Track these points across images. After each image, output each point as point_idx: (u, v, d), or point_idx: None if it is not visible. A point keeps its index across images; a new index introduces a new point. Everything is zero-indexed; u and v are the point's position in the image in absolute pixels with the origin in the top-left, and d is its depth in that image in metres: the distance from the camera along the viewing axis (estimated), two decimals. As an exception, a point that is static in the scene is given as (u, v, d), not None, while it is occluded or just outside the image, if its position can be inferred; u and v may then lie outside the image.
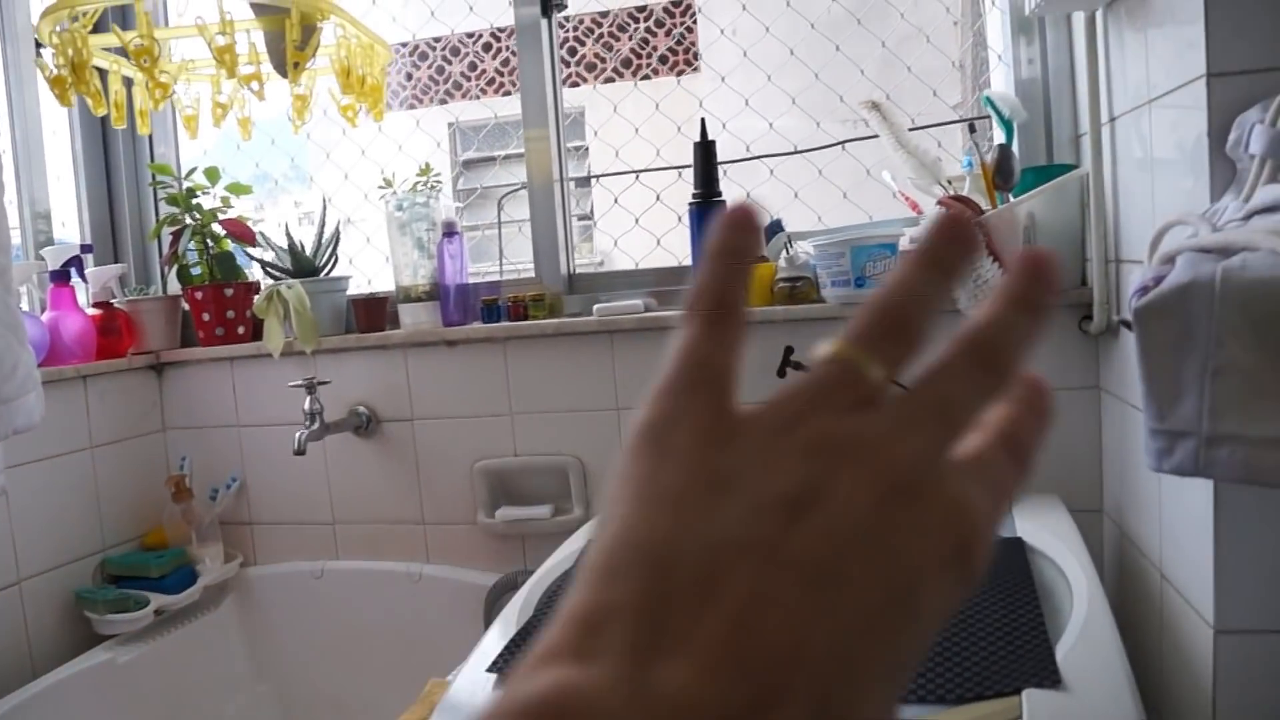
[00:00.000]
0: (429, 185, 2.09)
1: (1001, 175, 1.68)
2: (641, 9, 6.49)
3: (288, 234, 2.18)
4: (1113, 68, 1.54)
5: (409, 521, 2.12)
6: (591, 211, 4.54)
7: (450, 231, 2.04)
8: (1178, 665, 1.35)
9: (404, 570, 2.10)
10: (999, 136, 1.74)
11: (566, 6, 2.16)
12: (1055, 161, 1.82)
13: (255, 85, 1.67)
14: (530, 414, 2.01)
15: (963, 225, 0.32)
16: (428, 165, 2.11)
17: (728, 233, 0.33)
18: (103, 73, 1.78)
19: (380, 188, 2.11)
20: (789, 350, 1.77)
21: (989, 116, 1.77)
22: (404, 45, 6.71)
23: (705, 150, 1.87)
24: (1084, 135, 1.66)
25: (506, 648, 1.19)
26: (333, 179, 2.56)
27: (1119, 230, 1.57)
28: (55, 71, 1.66)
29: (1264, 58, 1.14)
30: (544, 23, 2.12)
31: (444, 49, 6.80)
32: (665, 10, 6.50)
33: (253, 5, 1.67)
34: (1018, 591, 1.21)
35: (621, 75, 6.52)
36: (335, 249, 2.20)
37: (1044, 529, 1.42)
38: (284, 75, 1.69)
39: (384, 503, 2.13)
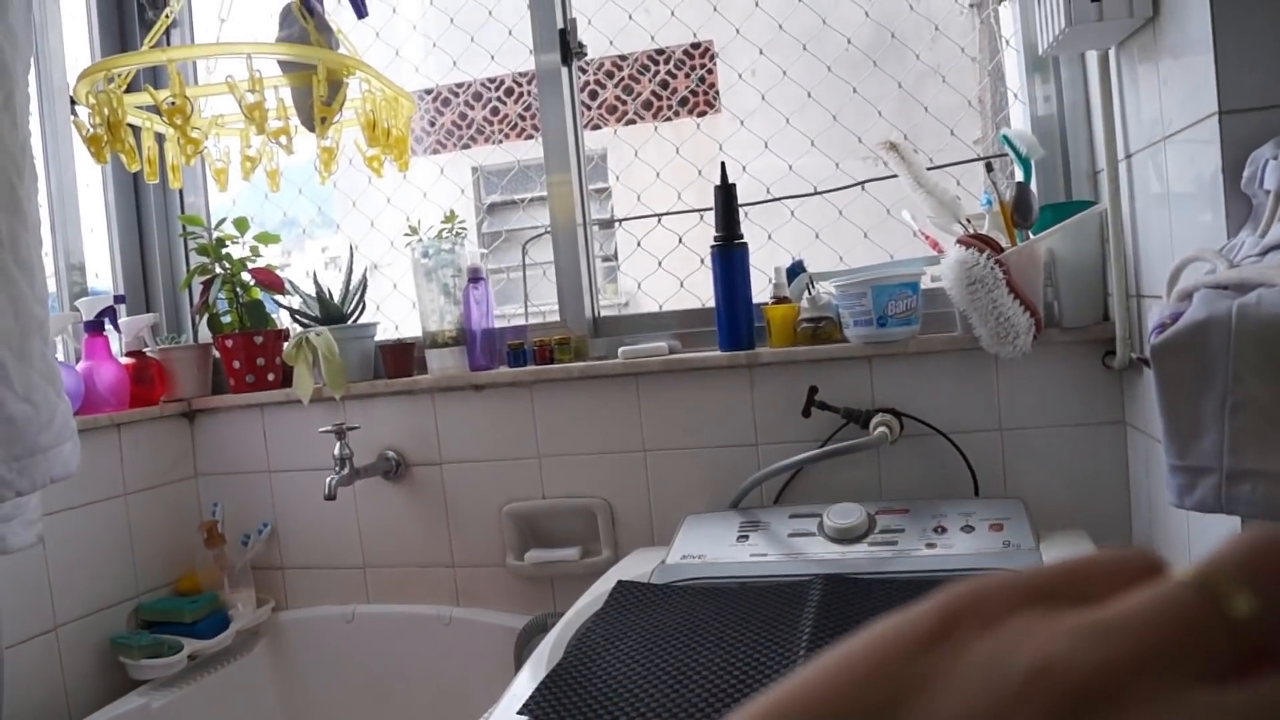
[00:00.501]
0: (454, 232, 2.12)
1: (1020, 213, 1.70)
2: (660, 52, 6.55)
3: (315, 281, 2.21)
4: (1127, 104, 1.56)
5: (439, 564, 2.14)
6: (616, 253, 4.57)
7: (475, 277, 2.07)
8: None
9: (434, 613, 2.11)
10: (1018, 174, 1.76)
11: (586, 54, 2.20)
12: (1073, 198, 1.83)
13: (284, 140, 1.71)
14: (557, 457, 2.02)
15: None
16: (453, 213, 2.14)
17: None
18: (135, 129, 1.82)
19: (406, 235, 2.14)
20: (813, 390, 1.80)
21: (1007, 154, 1.79)
22: (427, 92, 6.80)
23: (726, 193, 1.89)
24: (1101, 171, 1.67)
25: (538, 690, 1.20)
26: (359, 226, 2.60)
27: (1139, 265, 1.58)
28: (92, 130, 1.70)
29: (1275, 93, 1.16)
30: (564, 70, 2.15)
31: (467, 95, 6.89)
32: (685, 53, 6.56)
33: (280, 63, 1.71)
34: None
35: (642, 118, 6.57)
36: (363, 296, 2.23)
37: (1071, 565, 1.41)
38: (311, 130, 1.73)
39: (414, 546, 2.15)
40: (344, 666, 2.16)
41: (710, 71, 6.51)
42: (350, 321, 2.20)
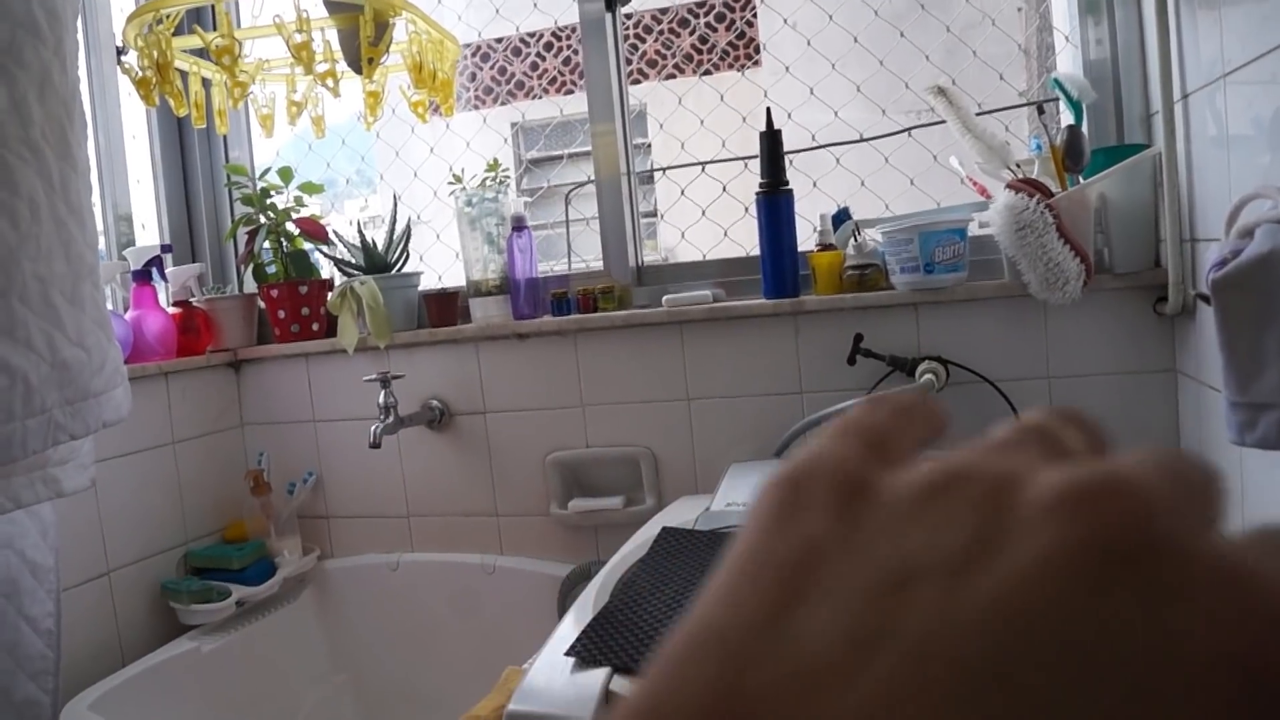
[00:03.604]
0: (498, 180, 2.12)
1: (1071, 157, 1.67)
2: (701, 4, 6.49)
3: (360, 231, 2.22)
4: (1185, 43, 1.52)
5: (483, 514, 2.15)
6: (655, 209, 4.55)
7: (519, 226, 2.06)
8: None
9: (478, 562, 2.12)
10: (1067, 119, 1.72)
11: (630, 0, 2.18)
12: (1126, 142, 1.80)
13: (330, 82, 1.71)
14: (601, 405, 2.03)
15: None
16: (496, 161, 2.14)
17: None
18: (183, 75, 1.82)
19: (450, 184, 2.14)
20: (859, 337, 1.78)
21: (1057, 99, 1.76)
22: (467, 46, 6.77)
23: (772, 139, 1.87)
24: (1155, 114, 1.64)
25: (584, 632, 1.20)
26: (402, 179, 2.60)
27: (1194, 209, 1.55)
28: (141, 73, 1.70)
29: (1343, 27, 1.13)
30: (608, 17, 2.13)
31: (506, 50, 6.86)
32: (725, 5, 6.50)
33: (327, 4, 1.70)
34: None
35: (683, 71, 6.52)
36: (406, 245, 2.23)
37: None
38: (358, 72, 1.73)
39: (458, 495, 2.16)
40: (389, 614, 2.19)
41: (750, 24, 6.44)
42: (394, 271, 2.21)
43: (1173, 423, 1.73)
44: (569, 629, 1.24)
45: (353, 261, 2.22)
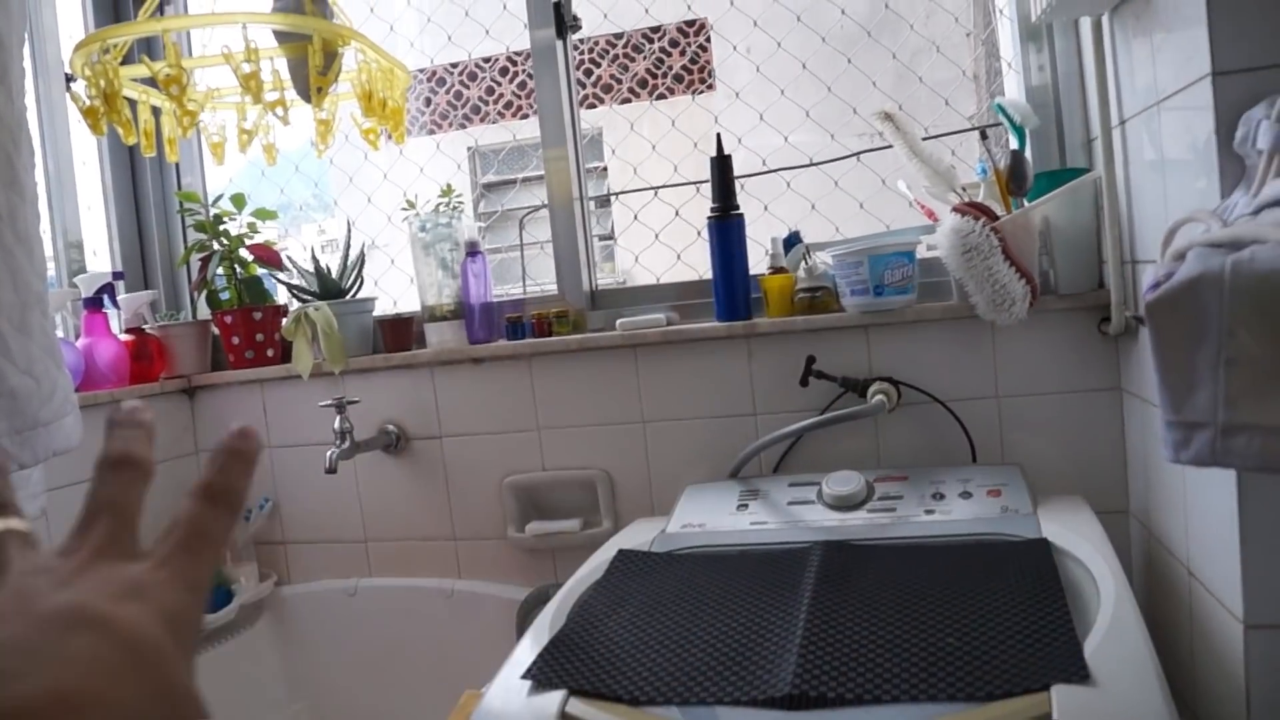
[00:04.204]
0: (451, 206, 2.12)
1: (1015, 181, 1.70)
2: (656, 29, 6.54)
3: (314, 257, 2.22)
4: (1121, 71, 1.56)
5: (440, 538, 2.15)
6: (612, 231, 4.57)
7: (473, 250, 2.07)
8: (1209, 661, 1.36)
9: (436, 586, 2.12)
10: (1013, 143, 1.76)
11: (580, 28, 2.20)
12: (1068, 166, 1.84)
13: (280, 111, 1.71)
14: (557, 429, 2.03)
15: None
16: (449, 186, 2.15)
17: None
18: (132, 103, 1.82)
19: (404, 209, 2.14)
20: (811, 359, 1.80)
21: (1001, 124, 1.79)
22: (422, 72, 6.78)
23: (722, 164, 1.89)
24: (1095, 139, 1.67)
25: (540, 655, 1.21)
26: (356, 204, 2.60)
27: (1133, 231, 1.58)
28: (88, 102, 1.70)
29: (1267, 55, 1.16)
30: (559, 44, 2.15)
31: (461, 74, 6.87)
32: (679, 30, 6.54)
33: (276, 34, 1.71)
34: (1044, 591, 1.22)
35: (638, 95, 6.56)
36: (360, 271, 2.24)
37: (1069, 529, 1.43)
38: (308, 100, 1.73)
39: (415, 520, 2.16)
40: (346, 640, 2.18)
41: (705, 49, 6.49)
42: (349, 297, 2.21)
43: (1119, 439, 1.76)
44: (526, 652, 1.25)
45: (307, 287, 2.22)
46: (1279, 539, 1.20)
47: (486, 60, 6.79)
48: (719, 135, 1.92)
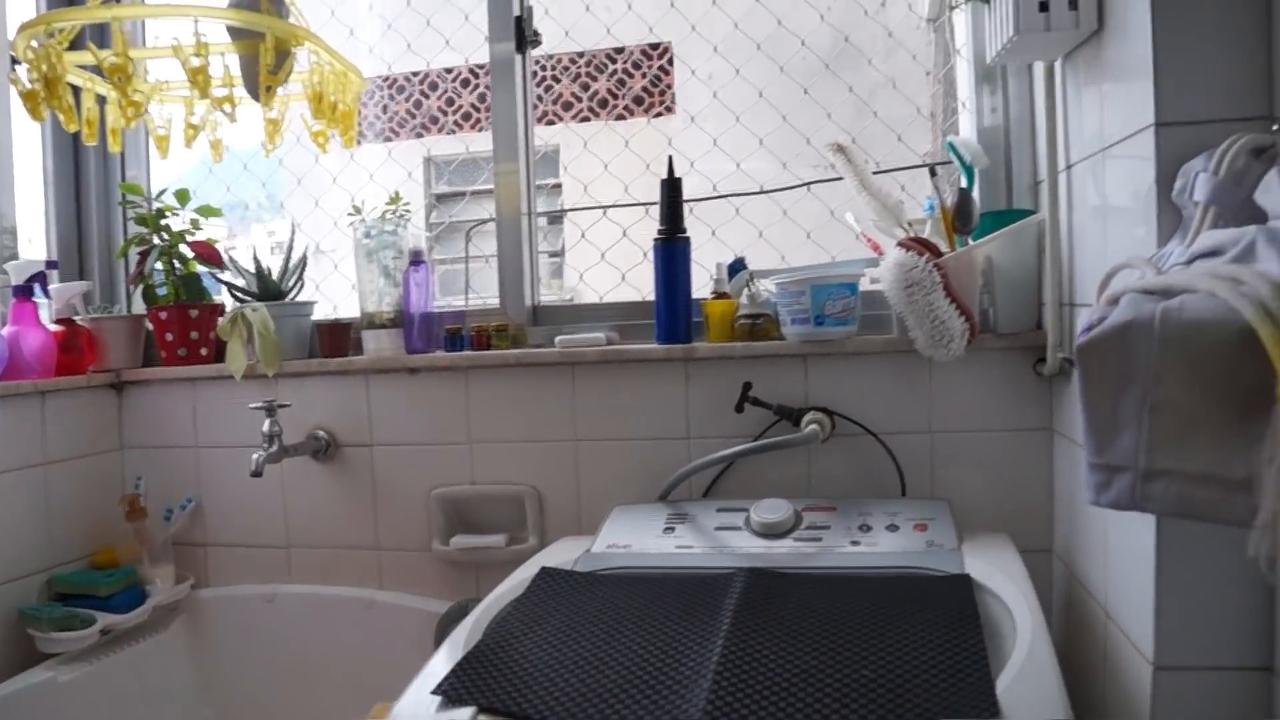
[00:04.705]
0: (397, 214, 2.10)
1: (961, 219, 1.72)
2: (619, 50, 6.55)
3: (255, 258, 2.18)
4: (1070, 116, 1.58)
5: (364, 547, 2.11)
6: (563, 248, 4.56)
7: (417, 260, 2.05)
8: (1120, 701, 1.37)
9: (356, 596, 2.08)
10: (963, 182, 1.77)
11: (541, 43, 2.19)
12: (1015, 207, 1.85)
13: (228, 108, 1.68)
14: (489, 443, 2.01)
15: None
16: (397, 194, 2.13)
17: None
18: (77, 90, 1.78)
19: (349, 214, 2.12)
20: (747, 386, 1.80)
21: (951, 161, 1.81)
22: (383, 79, 6.75)
23: (671, 187, 1.89)
24: (1042, 182, 1.69)
25: (452, 671, 1.19)
26: (306, 207, 2.57)
27: (1073, 274, 1.60)
28: (29, 86, 1.66)
29: (1208, 110, 1.18)
30: (518, 58, 2.14)
31: (422, 83, 6.84)
32: (643, 53, 6.57)
33: (229, 29, 1.69)
34: (962, 627, 1.22)
35: (597, 114, 6.57)
36: (302, 274, 2.21)
37: (992, 567, 1.43)
38: (257, 99, 1.71)
39: (339, 528, 2.12)
40: (262, 647, 2.13)
41: (666, 72, 6.52)
42: (288, 299, 2.18)
43: (1047, 479, 1.78)
44: (439, 667, 1.23)
45: (247, 288, 2.18)
46: (1192, 583, 1.21)
47: (448, 71, 6.78)
48: (670, 158, 1.92)
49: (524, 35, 2.15)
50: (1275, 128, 1.10)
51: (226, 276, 2.22)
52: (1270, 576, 0.88)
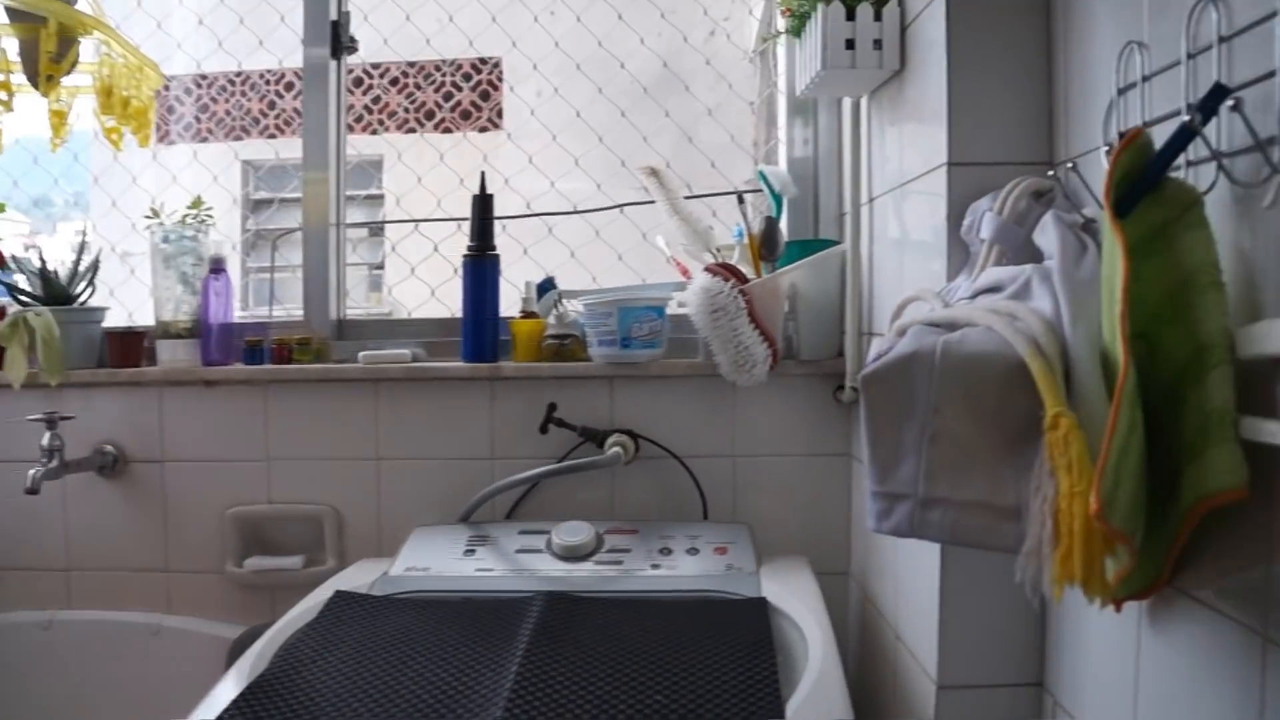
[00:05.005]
0: (198, 219, 2.01)
1: (767, 246, 1.75)
2: (450, 62, 6.49)
3: (40, 258, 2.06)
4: (874, 151, 1.63)
5: (152, 569, 2.01)
6: (383, 261, 4.47)
7: (217, 268, 1.97)
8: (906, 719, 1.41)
9: (142, 621, 1.97)
10: (773, 210, 1.81)
11: (357, 49, 2.14)
12: (821, 237, 1.90)
13: (4, 95, 1.58)
14: (288, 460, 1.94)
15: None
16: (199, 199, 2.04)
17: None
18: None
19: (147, 217, 2.02)
20: (552, 406, 1.79)
21: (762, 190, 1.84)
22: (200, 77, 6.51)
23: (483, 203, 1.87)
24: (847, 214, 1.74)
25: (234, 702, 1.13)
26: (110, 206, 2.44)
27: (872, 304, 1.64)
28: None
29: (995, 152, 1.24)
30: (333, 64, 2.08)
31: (243, 84, 6.63)
32: (473, 66, 6.52)
33: (7, 9, 1.58)
34: (756, 650, 1.24)
35: (423, 125, 6.48)
36: (93, 278, 2.08)
37: (788, 590, 1.46)
38: (36, 87, 1.61)
39: (125, 549, 2.01)
40: (38, 679, 1.99)
41: (495, 87, 6.49)
42: (76, 304, 2.06)
43: (845, 503, 1.82)
44: (222, 696, 1.17)
45: (30, 290, 2.05)
46: (972, 606, 1.26)
47: (272, 73, 6.58)
48: (483, 174, 1.90)
49: (340, 41, 2.09)
50: (1050, 173, 1.15)
51: (6, 277, 2.08)
52: (1034, 602, 0.91)
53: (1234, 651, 0.83)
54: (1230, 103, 0.77)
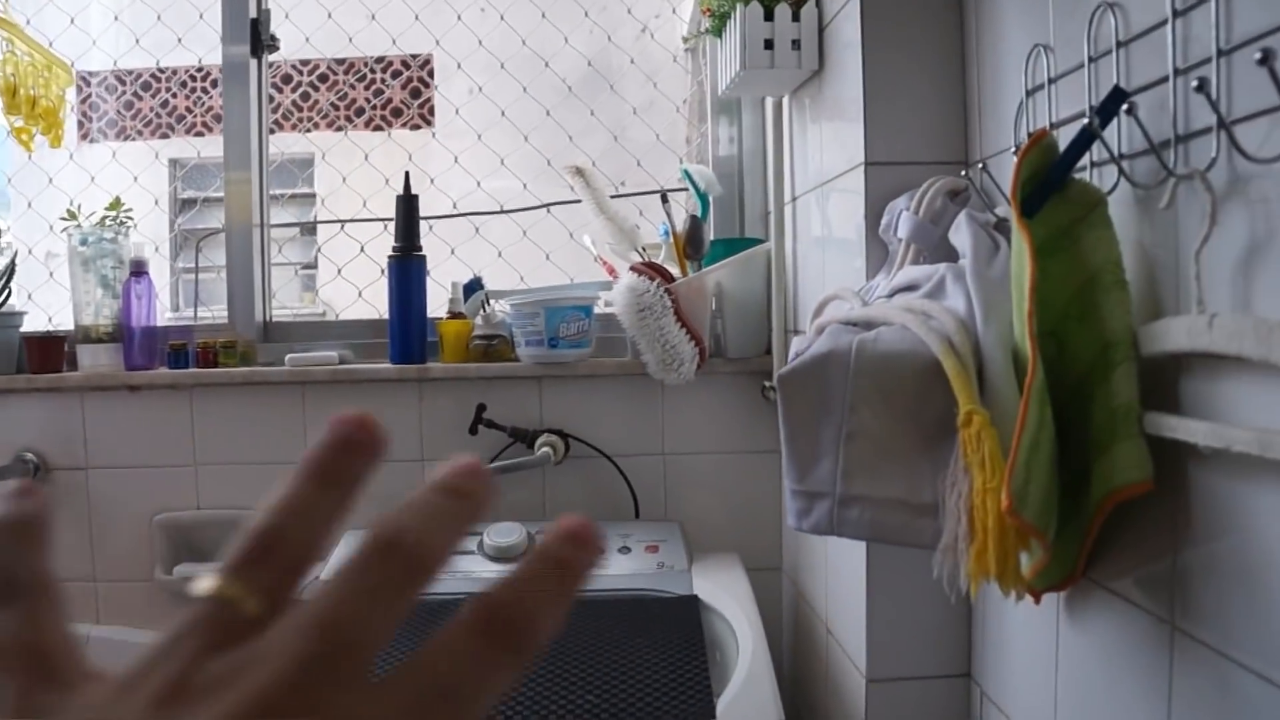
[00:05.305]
0: (118, 220, 1.98)
1: (692, 245, 1.76)
2: (380, 60, 6.42)
3: (-46, 263, 2.01)
4: (796, 150, 1.64)
5: (78, 579, 1.97)
6: (316, 261, 4.42)
7: (139, 270, 1.93)
8: (838, 712, 1.43)
9: (69, 631, 1.94)
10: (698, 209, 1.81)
11: (279, 48, 2.11)
12: (747, 235, 1.91)
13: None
14: (216, 465, 1.91)
15: (357, 433, 0.31)
16: (117, 200, 2.00)
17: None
18: None
19: (63, 219, 1.98)
20: (481, 407, 1.78)
21: (687, 189, 1.85)
22: (128, 73, 6.38)
23: (408, 204, 1.86)
24: (771, 212, 1.75)
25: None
26: (39, 206, 2.38)
27: (797, 303, 1.66)
28: None
29: (911, 152, 1.26)
30: (253, 62, 2.05)
31: (169, 81, 6.51)
32: (403, 63, 6.46)
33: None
34: (687, 647, 1.24)
35: (353, 123, 6.41)
36: (9, 280, 2.04)
37: (719, 587, 1.47)
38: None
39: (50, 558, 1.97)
40: (-43, 691, 1.95)
41: (426, 85, 6.43)
42: (-8, 309, 2.01)
43: (776, 500, 1.84)
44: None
45: (-57, 296, 2.01)
46: (899, 601, 1.29)
47: (199, 70, 6.47)
48: (407, 174, 1.89)
49: (260, 39, 2.06)
50: (963, 173, 1.17)
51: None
52: (952, 596, 0.93)
53: (1145, 639, 0.85)
54: (1125, 106, 0.79)
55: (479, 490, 0.29)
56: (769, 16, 1.45)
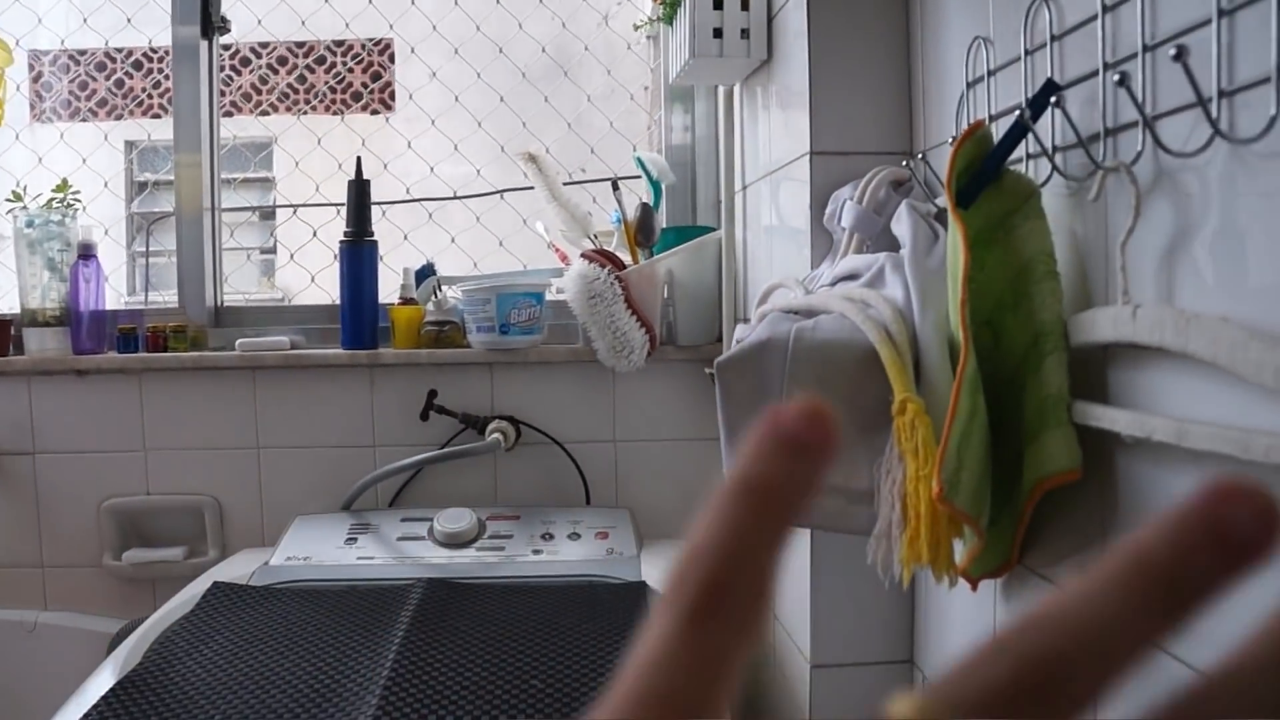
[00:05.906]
0: (65, 203, 1.95)
1: (643, 233, 1.76)
2: (340, 44, 6.37)
3: (-103, 246, 1.98)
4: (746, 139, 1.65)
5: (25, 565, 1.95)
6: (275, 246, 4.38)
7: (87, 254, 1.91)
8: (784, 697, 1.44)
9: (17, 619, 1.92)
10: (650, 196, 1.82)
11: (230, 30, 2.10)
12: (699, 223, 1.92)
13: None
14: (165, 450, 1.90)
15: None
16: (64, 182, 1.98)
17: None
18: None
19: (8, 200, 1.95)
20: (433, 393, 1.79)
21: (640, 176, 1.85)
22: (81, 53, 6.30)
23: (359, 189, 1.85)
24: (722, 201, 1.76)
25: (104, 697, 1.12)
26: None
27: (747, 290, 1.67)
28: None
29: (859, 141, 1.27)
30: (203, 44, 2.04)
31: (126, 61, 6.43)
32: (362, 46, 6.41)
33: None
34: (635, 633, 1.25)
35: (313, 106, 6.36)
36: (-45, 265, 2.02)
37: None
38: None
39: (-4, 544, 1.96)
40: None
41: (385, 69, 6.39)
42: (-63, 293, 1.99)
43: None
44: (94, 692, 1.15)
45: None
46: (842, 587, 1.30)
47: (156, 50, 6.39)
48: (359, 159, 1.88)
49: (210, 20, 2.04)
50: (905, 163, 1.18)
51: None
52: (885, 582, 0.94)
53: (1074, 625, 0.87)
54: (1054, 99, 0.80)
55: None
56: (718, 5, 1.46)
